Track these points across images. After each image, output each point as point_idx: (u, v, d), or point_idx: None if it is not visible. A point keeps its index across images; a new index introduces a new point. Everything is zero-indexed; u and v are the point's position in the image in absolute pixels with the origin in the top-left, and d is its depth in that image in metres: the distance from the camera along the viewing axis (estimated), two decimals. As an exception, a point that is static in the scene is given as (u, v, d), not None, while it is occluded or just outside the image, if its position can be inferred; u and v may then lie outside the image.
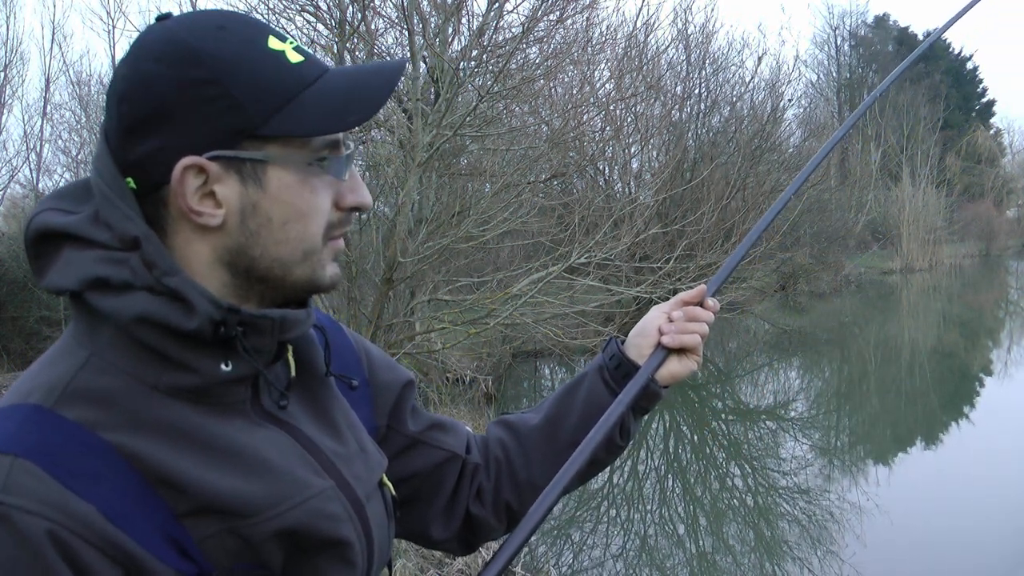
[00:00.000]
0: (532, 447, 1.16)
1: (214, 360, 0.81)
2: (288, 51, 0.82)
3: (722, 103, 16.34)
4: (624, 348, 1.19)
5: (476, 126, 7.42)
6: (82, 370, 0.78)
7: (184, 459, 0.78)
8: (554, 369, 13.15)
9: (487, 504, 1.15)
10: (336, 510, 0.86)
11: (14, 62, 11.78)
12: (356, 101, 0.83)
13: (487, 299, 7.77)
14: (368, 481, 0.93)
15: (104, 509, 0.72)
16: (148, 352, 0.79)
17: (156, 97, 0.78)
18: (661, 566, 6.18)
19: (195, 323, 0.78)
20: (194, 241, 0.82)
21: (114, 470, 0.75)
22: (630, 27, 12.63)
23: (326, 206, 0.85)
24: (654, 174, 13.68)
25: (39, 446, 0.72)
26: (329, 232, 0.86)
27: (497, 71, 7.35)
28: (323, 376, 0.95)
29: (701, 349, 1.18)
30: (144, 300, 0.78)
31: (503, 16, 7.98)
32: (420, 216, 7.75)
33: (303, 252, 0.84)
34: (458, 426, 1.17)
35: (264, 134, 0.80)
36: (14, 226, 13.09)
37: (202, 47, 0.78)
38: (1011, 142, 45.44)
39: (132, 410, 0.77)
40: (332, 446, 0.91)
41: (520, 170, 8.11)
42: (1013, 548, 5.82)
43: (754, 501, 7.49)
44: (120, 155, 0.80)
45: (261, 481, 0.81)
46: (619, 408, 1.10)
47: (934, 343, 16.14)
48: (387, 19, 8.30)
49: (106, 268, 0.78)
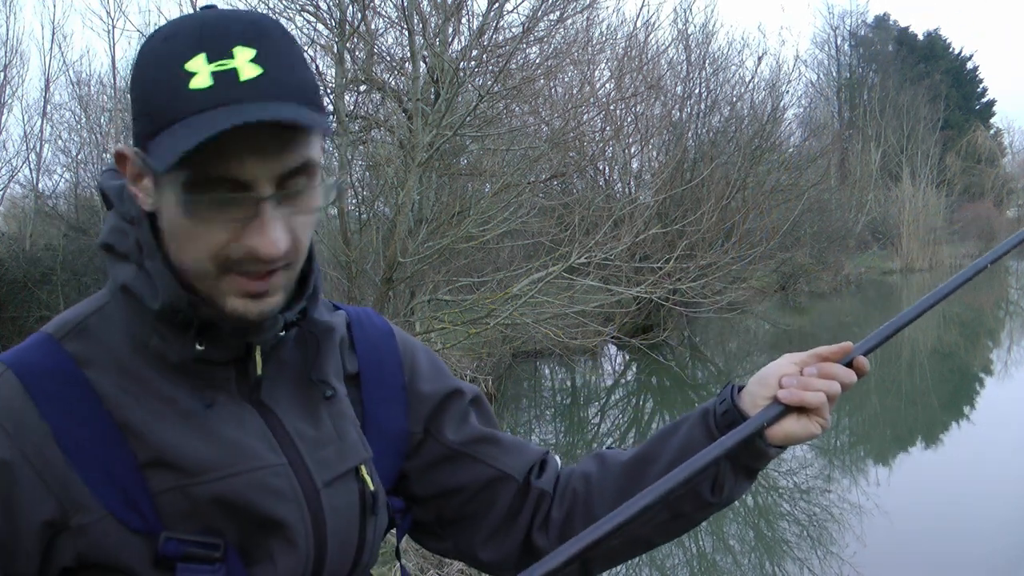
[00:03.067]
0: (613, 485, 1.06)
1: (188, 339, 0.85)
2: (201, 74, 0.77)
3: (722, 103, 16.35)
4: (739, 396, 1.04)
5: (476, 126, 7.42)
6: (94, 314, 0.88)
7: (147, 414, 0.84)
8: (554, 369, 13.15)
9: (553, 536, 1.06)
10: (281, 487, 0.87)
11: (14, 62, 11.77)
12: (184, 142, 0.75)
13: (487, 299, 7.77)
14: (336, 468, 0.93)
15: (58, 434, 0.81)
16: (140, 316, 0.86)
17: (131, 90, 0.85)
18: (661, 566, 6.18)
19: (157, 305, 0.84)
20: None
21: (87, 405, 0.83)
22: (630, 27, 12.66)
23: (214, 238, 0.80)
24: (654, 174, 13.69)
25: (29, 365, 0.84)
26: (227, 265, 0.81)
27: (497, 71, 7.36)
28: (307, 378, 0.95)
29: (829, 411, 1.01)
30: (130, 272, 0.86)
31: (503, 16, 7.99)
32: (420, 216, 7.76)
33: (194, 272, 0.83)
34: (523, 448, 1.10)
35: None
36: (14, 226, 13.09)
37: (141, 54, 0.82)
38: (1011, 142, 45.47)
39: (118, 359, 0.86)
40: (302, 428, 0.92)
41: (520, 170, 8.12)
42: (1013, 548, 5.82)
43: (754, 501, 7.48)
44: None
45: (211, 445, 0.85)
46: (711, 454, 0.93)
47: (934, 343, 16.13)
48: (387, 19, 8.31)
49: (115, 237, 0.88)
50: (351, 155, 7.87)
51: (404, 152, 7.12)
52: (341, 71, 7.43)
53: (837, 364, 1.03)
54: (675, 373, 11.88)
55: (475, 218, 7.56)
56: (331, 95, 7.38)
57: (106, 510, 0.81)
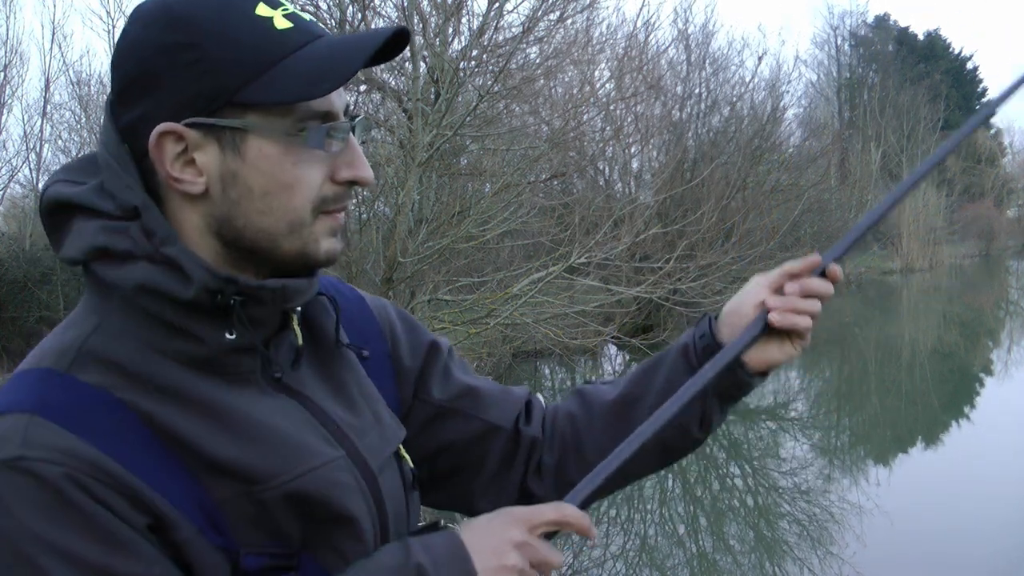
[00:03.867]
0: (603, 426, 1.06)
1: (218, 329, 0.81)
2: (277, 17, 0.79)
3: (722, 103, 16.36)
4: (717, 327, 1.03)
5: (476, 126, 7.43)
6: (93, 335, 0.80)
7: (193, 423, 0.78)
8: (554, 369, 13.14)
9: (548, 481, 1.07)
10: (346, 480, 0.85)
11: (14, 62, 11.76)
12: (332, 68, 0.78)
13: (487, 299, 7.78)
14: (381, 452, 0.92)
15: (119, 459, 0.74)
16: (154, 320, 0.80)
17: (139, 62, 0.78)
18: (661, 566, 6.18)
19: (191, 292, 0.78)
20: (184, 209, 0.81)
21: (128, 426, 0.76)
22: (630, 27, 12.66)
23: (314, 179, 0.81)
24: (654, 174, 13.70)
25: (51, 403, 0.75)
26: (321, 206, 0.82)
27: (497, 71, 7.36)
28: (334, 346, 0.93)
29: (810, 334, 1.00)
30: (144, 269, 0.78)
31: (503, 16, 7.99)
32: (420, 216, 7.76)
33: (288, 224, 0.81)
34: (507, 396, 1.09)
35: (241, 101, 0.77)
36: (14, 226, 13.09)
37: (184, 11, 0.77)
38: (1011, 142, 45.44)
39: (142, 373, 0.78)
40: (344, 416, 0.90)
41: (520, 170, 8.12)
42: (1013, 548, 5.82)
43: (754, 501, 7.48)
44: (118, 122, 0.81)
45: (269, 449, 0.81)
46: (695, 385, 0.94)
47: (934, 343, 16.13)
48: (387, 19, 8.30)
49: (108, 237, 0.79)
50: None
51: (404, 152, 7.12)
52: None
53: (814, 279, 1.00)
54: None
55: (475, 218, 7.56)
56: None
57: (195, 526, 0.77)
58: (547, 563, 0.86)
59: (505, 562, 0.82)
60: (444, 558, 0.82)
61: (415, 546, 0.83)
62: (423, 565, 0.81)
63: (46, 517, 0.70)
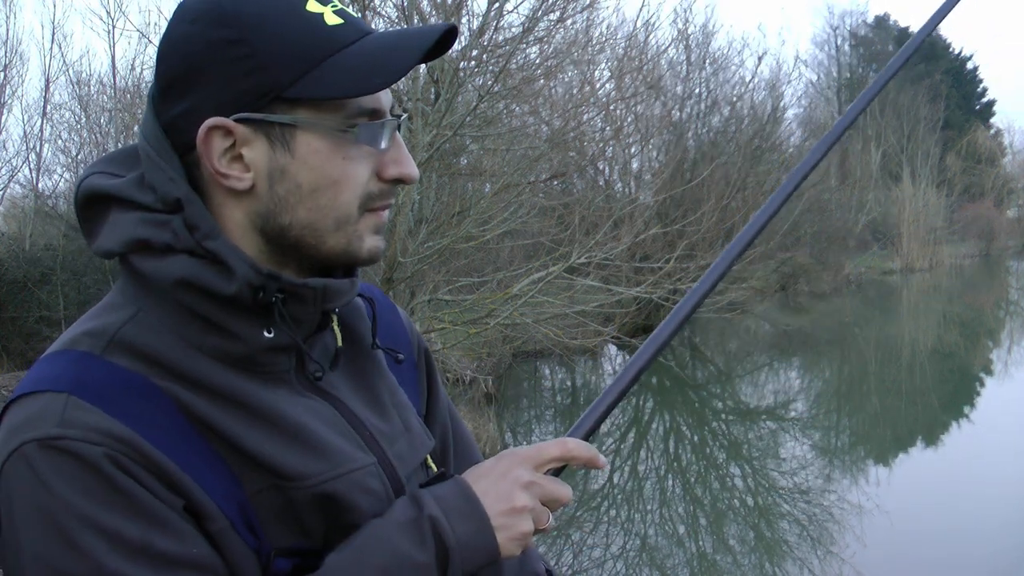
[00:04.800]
0: None
1: (256, 326, 0.80)
2: (327, 13, 0.80)
3: (722, 103, 16.37)
4: None
5: (476, 126, 7.43)
6: (128, 323, 0.79)
7: (228, 416, 0.78)
8: (554, 369, 13.15)
9: None
10: (375, 487, 0.85)
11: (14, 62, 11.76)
12: (384, 64, 0.79)
13: (487, 299, 7.78)
14: (411, 461, 0.92)
15: (153, 440, 0.74)
16: (191, 315, 0.79)
17: (186, 57, 0.78)
18: (661, 566, 6.18)
19: (234, 287, 0.78)
20: (228, 204, 0.81)
21: (163, 411, 0.76)
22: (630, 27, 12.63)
23: (362, 175, 0.82)
24: (654, 174, 13.71)
25: (87, 384, 0.75)
26: (367, 203, 0.83)
27: (497, 71, 7.36)
28: (369, 349, 0.93)
29: None
30: (184, 263, 0.78)
31: (503, 16, 7.99)
32: (420, 216, 7.76)
33: (335, 221, 0.81)
34: (471, 452, 1.09)
35: (292, 97, 0.77)
36: (14, 226, 13.09)
37: (233, 7, 0.78)
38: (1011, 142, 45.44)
39: (176, 366, 0.78)
40: (376, 423, 0.89)
41: (520, 170, 8.12)
42: (1013, 548, 5.82)
43: (754, 501, 7.49)
44: (161, 117, 0.81)
45: (302, 450, 0.80)
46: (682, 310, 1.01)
47: (934, 343, 16.13)
48: (387, 19, 8.30)
49: (148, 230, 0.79)
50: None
51: (404, 152, 7.13)
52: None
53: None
54: (675, 373, 11.88)
55: (475, 218, 7.56)
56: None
57: (227, 519, 0.77)
58: (556, 499, 0.87)
59: (515, 503, 0.83)
60: (455, 507, 0.82)
61: (426, 498, 0.83)
62: (435, 517, 0.81)
63: (86, 496, 0.71)
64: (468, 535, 0.81)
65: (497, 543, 0.82)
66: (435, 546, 0.80)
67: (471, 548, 0.81)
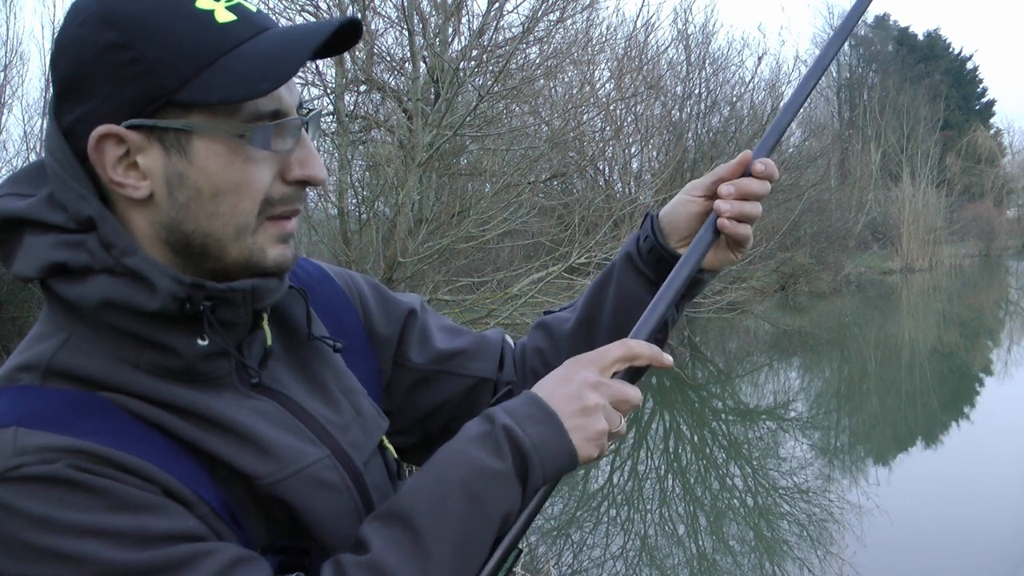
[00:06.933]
0: (569, 354, 1.03)
1: (189, 336, 0.78)
2: (219, 10, 0.75)
3: (722, 103, 16.38)
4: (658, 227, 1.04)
5: (476, 126, 7.43)
6: (61, 350, 0.77)
7: (180, 426, 0.77)
8: (554, 369, 13.12)
9: None
10: (332, 479, 0.84)
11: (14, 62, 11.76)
12: (276, 64, 0.74)
13: (487, 299, 7.77)
14: (366, 447, 0.91)
15: (116, 446, 0.73)
16: (122, 334, 0.77)
17: (76, 62, 0.74)
18: (661, 566, 6.17)
19: (158, 303, 0.75)
20: (133, 215, 0.78)
21: (119, 419, 0.75)
22: (630, 27, 12.66)
23: (263, 179, 0.78)
24: (654, 174, 13.69)
25: (32, 414, 0.72)
26: (267, 209, 0.79)
27: (497, 71, 7.36)
28: (308, 341, 0.91)
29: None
30: (105, 284, 0.75)
31: (503, 16, 7.99)
32: (420, 216, 7.76)
33: (235, 229, 0.77)
34: (486, 345, 1.10)
35: (183, 101, 0.73)
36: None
37: (119, 9, 0.73)
38: (1011, 142, 45.45)
39: (117, 386, 0.76)
40: (325, 413, 0.88)
41: (520, 170, 8.11)
42: (1013, 548, 5.82)
43: (754, 501, 7.48)
44: (61, 124, 0.77)
45: (254, 452, 0.79)
46: (672, 287, 0.96)
47: (934, 343, 16.12)
48: (387, 19, 8.31)
49: (64, 252, 0.76)
50: (351, 155, 7.86)
51: (404, 152, 7.12)
52: (341, 71, 7.42)
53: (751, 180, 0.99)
54: (675, 373, 11.87)
55: (475, 218, 7.56)
56: (331, 95, 7.38)
57: (208, 504, 0.76)
58: (626, 399, 0.86)
59: (587, 403, 0.83)
60: (527, 414, 0.82)
61: (497, 412, 0.83)
62: (508, 426, 0.81)
63: (65, 508, 0.69)
64: (543, 438, 0.81)
65: (573, 444, 0.82)
66: (512, 453, 0.80)
67: (548, 451, 0.81)
